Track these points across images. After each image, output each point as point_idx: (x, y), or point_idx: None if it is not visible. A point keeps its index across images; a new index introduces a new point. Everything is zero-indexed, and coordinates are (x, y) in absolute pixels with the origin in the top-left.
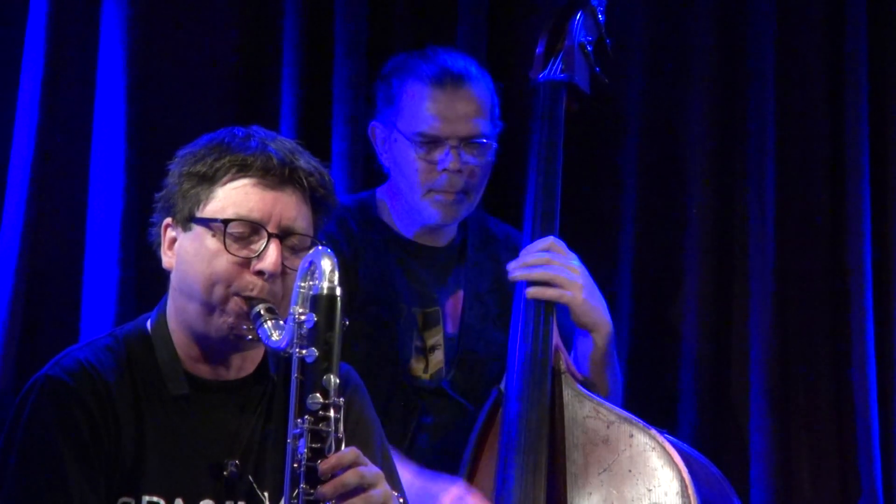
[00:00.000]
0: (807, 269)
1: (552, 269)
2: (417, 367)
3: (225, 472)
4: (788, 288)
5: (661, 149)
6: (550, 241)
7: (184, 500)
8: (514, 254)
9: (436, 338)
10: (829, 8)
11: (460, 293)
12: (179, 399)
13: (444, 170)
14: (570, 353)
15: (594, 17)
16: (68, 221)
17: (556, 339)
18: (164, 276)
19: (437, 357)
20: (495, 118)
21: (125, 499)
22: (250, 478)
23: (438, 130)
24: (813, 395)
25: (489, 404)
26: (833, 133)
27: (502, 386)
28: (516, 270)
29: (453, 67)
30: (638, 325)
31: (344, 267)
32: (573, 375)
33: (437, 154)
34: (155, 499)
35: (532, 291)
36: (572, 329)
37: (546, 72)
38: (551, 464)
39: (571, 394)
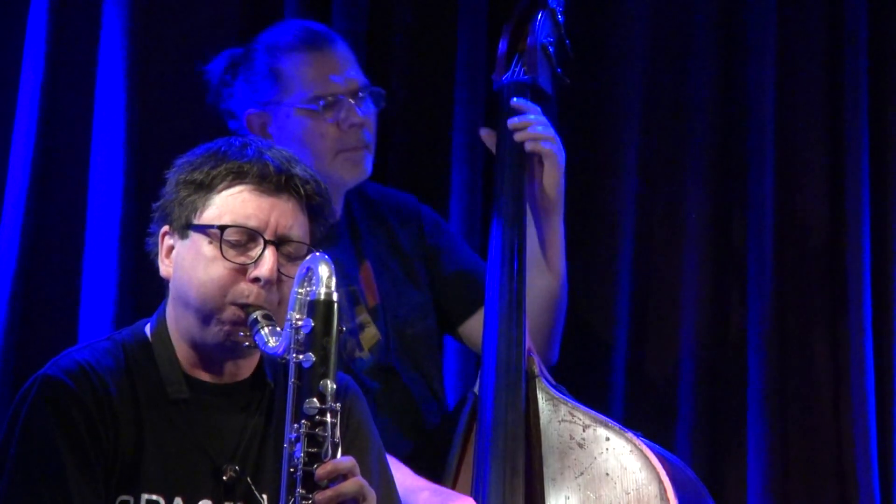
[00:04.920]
0: (805, 278)
1: (549, 131)
2: (353, 349)
3: (224, 476)
4: (787, 298)
5: (660, 157)
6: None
7: (183, 500)
8: (399, 213)
9: (362, 315)
10: (828, 17)
11: (367, 263)
12: (179, 402)
13: (351, 125)
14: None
15: (554, 18)
16: (67, 225)
17: (528, 342)
18: (161, 281)
19: (370, 332)
20: None
21: (124, 497)
22: (249, 480)
23: (334, 88)
24: (810, 404)
25: (467, 409)
26: (832, 143)
27: (476, 390)
28: (517, 129)
29: (315, 28)
30: (636, 332)
31: None
32: (546, 379)
33: (338, 113)
34: (154, 497)
35: (531, 146)
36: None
37: (509, 73)
38: (528, 469)
39: (546, 398)
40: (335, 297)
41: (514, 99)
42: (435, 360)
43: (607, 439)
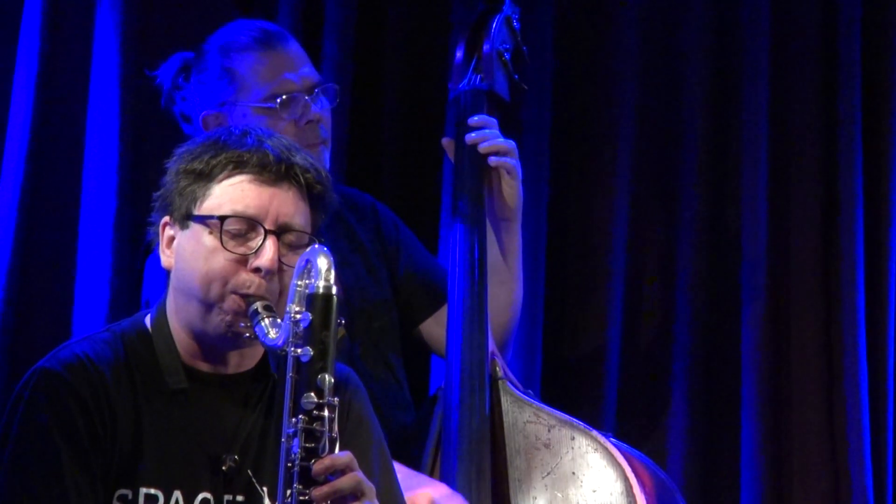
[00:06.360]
0: (798, 276)
1: (509, 143)
2: None
3: (223, 467)
4: (780, 295)
5: (654, 158)
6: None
7: (182, 494)
8: (356, 211)
9: None
10: (823, 6)
11: None
12: (178, 393)
13: (308, 122)
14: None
15: (510, 25)
16: (61, 220)
17: (491, 346)
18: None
19: None
20: None
21: (123, 491)
22: (249, 472)
23: (290, 86)
24: (804, 402)
25: (438, 411)
26: (826, 138)
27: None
28: (475, 137)
29: (268, 27)
30: (629, 333)
31: None
32: (510, 381)
33: (295, 110)
34: (153, 491)
35: (495, 161)
36: (431, 266)
37: (466, 80)
38: (494, 471)
39: (510, 400)
40: (334, 290)
41: (474, 117)
42: (399, 353)
43: (572, 439)
